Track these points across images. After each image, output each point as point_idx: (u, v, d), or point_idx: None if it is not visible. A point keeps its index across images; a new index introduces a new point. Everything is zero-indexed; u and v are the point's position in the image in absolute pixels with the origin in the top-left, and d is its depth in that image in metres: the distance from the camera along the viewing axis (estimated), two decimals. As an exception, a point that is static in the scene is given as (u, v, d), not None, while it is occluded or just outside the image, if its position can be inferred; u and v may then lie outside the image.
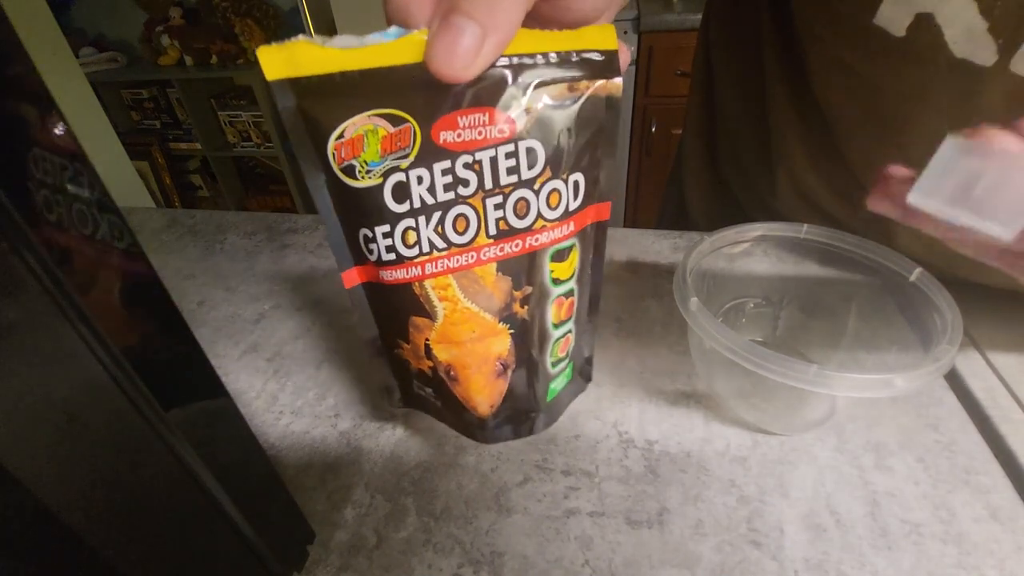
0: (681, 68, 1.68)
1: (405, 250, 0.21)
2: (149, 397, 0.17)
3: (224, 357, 0.43)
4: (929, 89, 0.36)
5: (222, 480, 0.21)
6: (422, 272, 0.21)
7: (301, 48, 0.18)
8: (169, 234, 0.61)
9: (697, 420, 0.36)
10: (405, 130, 0.19)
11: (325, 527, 0.31)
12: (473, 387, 0.24)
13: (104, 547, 0.17)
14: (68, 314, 0.14)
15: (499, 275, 0.22)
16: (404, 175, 0.20)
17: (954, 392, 0.36)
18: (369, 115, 0.19)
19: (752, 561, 0.28)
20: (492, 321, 0.22)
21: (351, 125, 0.19)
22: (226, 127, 2.33)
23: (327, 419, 0.38)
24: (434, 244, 0.21)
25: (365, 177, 0.20)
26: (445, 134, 0.19)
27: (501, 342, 0.23)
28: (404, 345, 0.24)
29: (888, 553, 0.28)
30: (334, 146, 0.19)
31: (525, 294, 0.23)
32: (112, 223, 0.16)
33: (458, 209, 0.20)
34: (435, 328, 0.23)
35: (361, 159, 0.19)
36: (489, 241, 0.21)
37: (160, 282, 0.18)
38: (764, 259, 0.38)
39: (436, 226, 0.21)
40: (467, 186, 0.20)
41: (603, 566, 0.29)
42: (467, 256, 0.21)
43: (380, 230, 0.21)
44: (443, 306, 0.22)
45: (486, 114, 0.19)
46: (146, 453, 0.18)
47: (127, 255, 0.17)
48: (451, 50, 0.17)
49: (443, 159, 0.19)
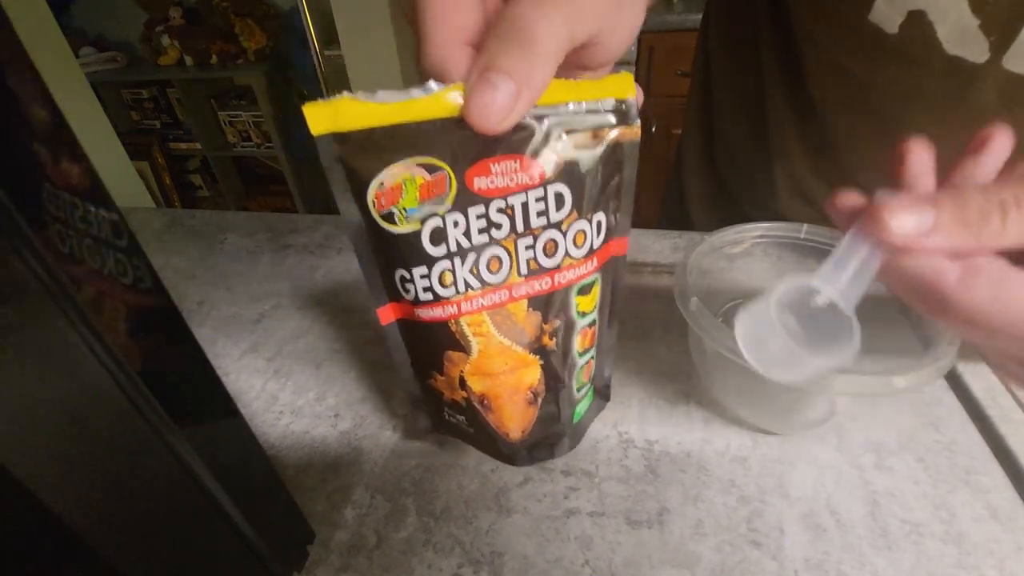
0: (681, 68, 1.68)
1: (442, 290, 0.22)
2: (150, 398, 0.17)
3: (224, 357, 0.43)
4: (923, 88, 0.36)
5: (222, 480, 0.21)
6: (458, 310, 0.22)
7: (344, 104, 0.19)
8: (169, 234, 0.61)
9: (697, 420, 0.36)
10: (441, 178, 0.20)
11: (325, 527, 0.31)
12: (506, 415, 0.25)
13: (104, 547, 0.17)
14: (69, 316, 0.15)
15: (530, 310, 0.23)
16: (441, 220, 0.21)
17: (954, 392, 0.36)
18: (407, 164, 0.20)
19: (752, 561, 0.28)
20: (523, 353, 0.24)
21: (390, 174, 0.20)
22: (226, 127, 2.33)
23: (327, 419, 0.38)
24: (469, 284, 0.22)
25: (404, 223, 0.21)
26: (479, 180, 0.20)
27: (532, 373, 0.24)
28: (438, 377, 0.25)
29: (888, 553, 0.28)
30: (374, 194, 0.21)
31: (554, 327, 0.24)
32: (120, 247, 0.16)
33: (492, 250, 0.22)
34: (470, 361, 0.24)
35: (400, 206, 0.21)
36: (520, 279, 0.22)
37: (159, 280, 0.18)
38: (764, 259, 0.38)
39: (471, 267, 0.22)
40: (500, 229, 0.21)
41: (603, 566, 0.29)
42: (500, 294, 0.22)
43: (418, 272, 0.22)
44: (478, 341, 0.23)
45: (517, 161, 0.20)
46: (146, 453, 0.18)
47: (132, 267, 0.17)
48: (488, 105, 0.18)
49: (477, 204, 0.21)
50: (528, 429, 0.26)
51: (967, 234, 0.17)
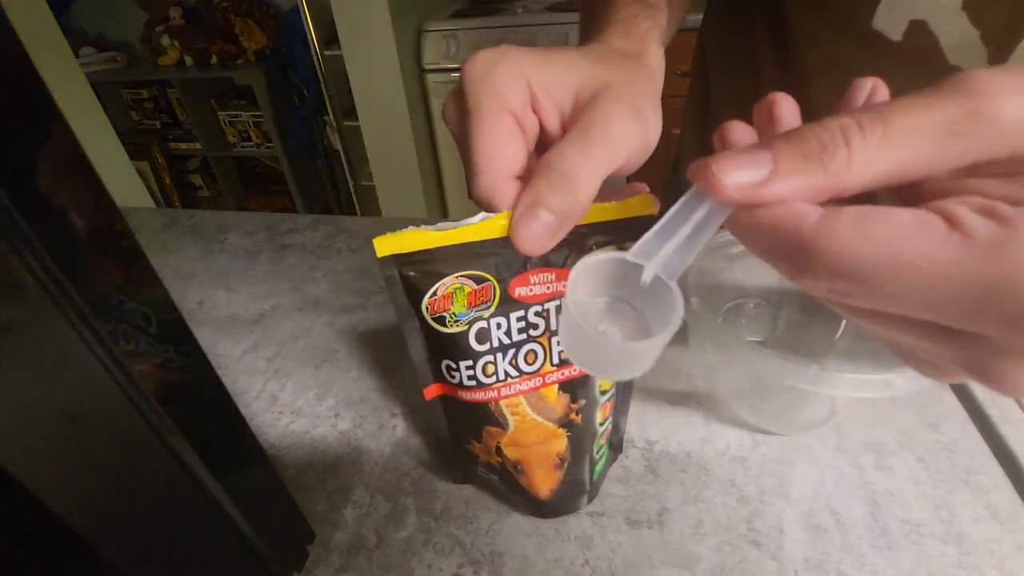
0: (681, 68, 1.67)
1: (485, 379, 0.26)
2: (150, 399, 0.17)
3: (224, 357, 0.43)
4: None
5: (222, 480, 0.21)
6: (498, 395, 0.26)
7: (408, 234, 0.23)
8: (169, 234, 0.61)
9: (697, 420, 0.36)
10: (487, 287, 0.23)
11: (325, 527, 0.31)
12: (537, 478, 0.29)
13: (104, 547, 0.17)
14: (69, 316, 0.15)
15: (560, 393, 0.27)
16: (486, 323, 0.24)
17: (954, 392, 0.36)
18: (457, 276, 0.23)
19: (752, 561, 0.28)
20: (553, 427, 0.27)
21: (442, 285, 0.23)
22: (226, 127, 2.32)
23: (327, 419, 0.38)
24: (508, 373, 0.26)
25: (454, 325, 0.24)
26: (520, 289, 0.24)
27: (560, 443, 0.28)
28: (476, 444, 0.29)
29: (888, 553, 0.28)
30: (428, 302, 0.24)
31: (580, 406, 0.27)
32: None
33: (529, 346, 0.25)
34: (506, 435, 0.27)
35: (451, 312, 0.24)
36: (553, 368, 0.26)
37: (159, 281, 0.18)
38: (764, 259, 0.38)
39: (511, 360, 0.25)
40: (536, 329, 0.25)
41: (603, 566, 0.29)
42: (535, 381, 0.26)
43: (464, 364, 0.25)
44: (514, 419, 0.27)
45: (553, 273, 0.24)
46: (147, 454, 0.18)
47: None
48: (534, 234, 0.20)
49: (518, 309, 0.24)
50: (555, 488, 0.29)
51: (813, 172, 0.15)
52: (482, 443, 0.29)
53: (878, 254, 0.14)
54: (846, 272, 0.15)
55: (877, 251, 0.14)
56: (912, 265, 0.14)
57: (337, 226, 0.60)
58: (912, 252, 0.14)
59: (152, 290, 0.18)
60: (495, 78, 0.22)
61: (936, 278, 0.13)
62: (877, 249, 0.14)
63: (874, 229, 0.14)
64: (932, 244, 0.13)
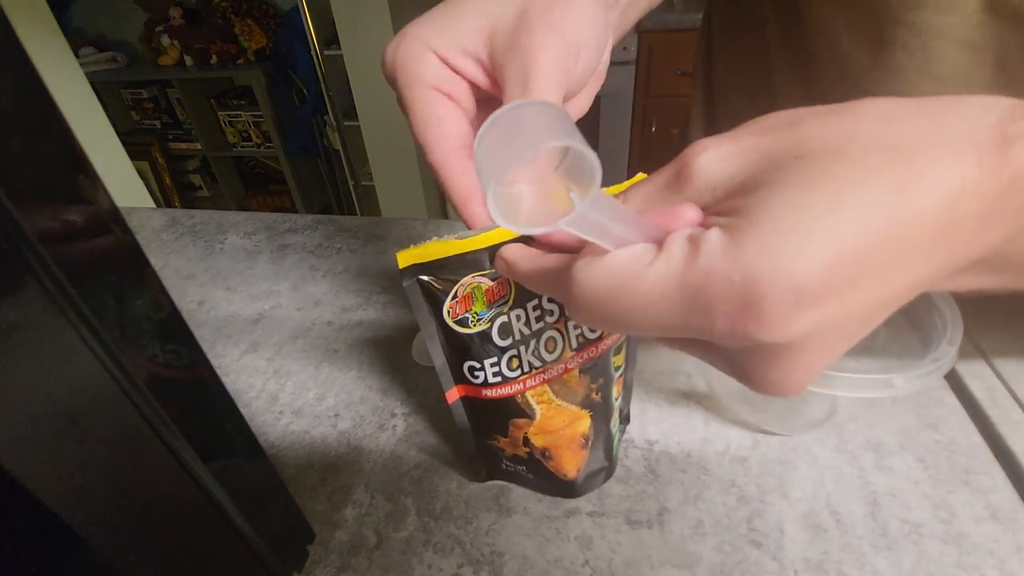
0: (681, 68, 1.68)
1: (510, 373, 0.27)
2: (149, 398, 0.17)
3: (224, 357, 0.43)
4: (944, 92, 0.36)
5: (222, 480, 0.21)
6: (524, 387, 0.27)
7: (430, 245, 0.24)
8: (169, 234, 0.61)
9: (697, 420, 0.36)
10: (502, 282, 0.25)
11: (325, 527, 0.31)
12: (565, 460, 0.30)
13: (104, 547, 0.17)
14: (69, 316, 0.15)
15: (580, 375, 0.27)
16: (506, 316, 0.25)
17: (954, 392, 0.36)
18: (474, 276, 0.24)
19: (752, 561, 0.28)
20: (577, 410, 0.28)
21: (461, 286, 0.24)
22: (226, 127, 2.32)
23: (327, 419, 0.38)
24: (532, 364, 0.27)
25: (477, 325, 0.25)
26: None
27: (583, 423, 0.29)
28: (500, 439, 0.30)
29: (888, 553, 0.28)
30: (449, 306, 0.25)
31: (599, 384, 0.28)
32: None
33: (548, 333, 0.26)
34: (533, 424, 0.28)
35: (473, 312, 0.25)
36: (572, 353, 0.27)
37: (159, 281, 0.18)
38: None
39: (533, 351, 0.26)
40: (552, 315, 0.26)
41: (603, 566, 0.29)
42: (557, 368, 0.27)
43: (488, 362, 0.26)
44: (540, 408, 0.28)
45: None
46: (146, 454, 0.18)
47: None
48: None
49: (533, 298, 0.25)
50: (582, 467, 0.30)
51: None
52: (508, 437, 0.30)
53: (601, 285, 0.16)
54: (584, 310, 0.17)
55: (598, 283, 0.16)
56: (624, 288, 0.15)
57: (337, 226, 0.60)
58: (625, 276, 0.15)
59: (152, 290, 0.18)
60: (403, 61, 0.23)
61: (645, 295, 0.15)
62: (599, 281, 0.16)
63: (595, 268, 0.16)
64: (638, 268, 0.15)
